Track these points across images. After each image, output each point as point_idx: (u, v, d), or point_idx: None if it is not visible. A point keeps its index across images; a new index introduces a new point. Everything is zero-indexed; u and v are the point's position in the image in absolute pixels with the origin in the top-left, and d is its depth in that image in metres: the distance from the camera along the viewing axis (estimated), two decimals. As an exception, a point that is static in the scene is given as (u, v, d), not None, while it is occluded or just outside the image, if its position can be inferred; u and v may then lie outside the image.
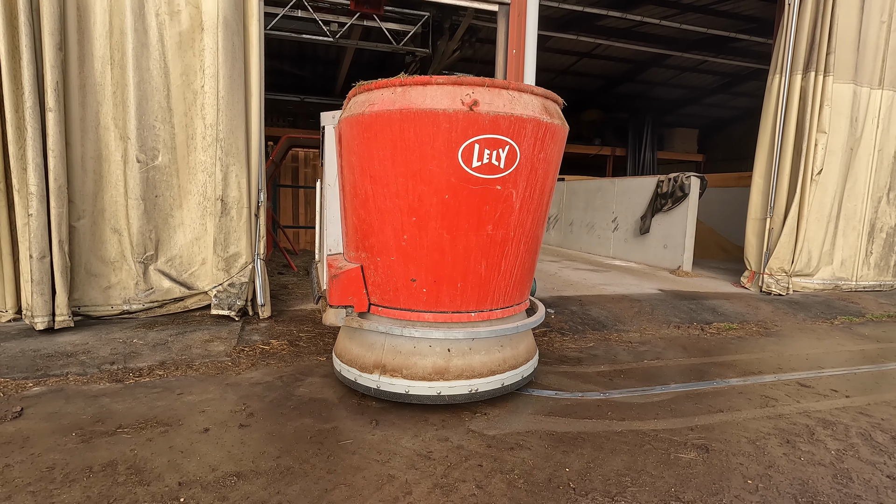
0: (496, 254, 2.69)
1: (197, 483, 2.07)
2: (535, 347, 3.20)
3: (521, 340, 3.06)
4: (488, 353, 2.84)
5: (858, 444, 2.65)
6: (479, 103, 2.40)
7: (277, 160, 8.26)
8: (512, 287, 2.87)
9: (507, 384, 2.88)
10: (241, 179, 4.27)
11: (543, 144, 2.62)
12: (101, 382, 3.08)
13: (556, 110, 2.76)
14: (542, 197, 2.79)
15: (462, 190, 2.50)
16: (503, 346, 2.91)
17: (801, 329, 5.14)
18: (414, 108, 2.42)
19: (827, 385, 3.54)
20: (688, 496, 2.12)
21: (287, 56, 12.41)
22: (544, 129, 2.60)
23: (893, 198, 6.80)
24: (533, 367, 3.09)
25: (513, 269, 2.81)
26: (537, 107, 2.58)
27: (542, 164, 2.67)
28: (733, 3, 9.99)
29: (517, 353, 2.98)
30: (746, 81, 14.55)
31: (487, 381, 2.79)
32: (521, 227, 2.72)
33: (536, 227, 2.87)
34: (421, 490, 2.09)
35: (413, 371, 2.73)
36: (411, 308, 2.74)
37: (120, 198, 4.11)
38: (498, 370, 2.84)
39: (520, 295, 2.99)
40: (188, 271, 4.35)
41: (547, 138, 2.63)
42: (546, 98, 2.70)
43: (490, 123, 2.41)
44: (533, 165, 2.62)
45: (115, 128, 4.03)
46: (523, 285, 2.98)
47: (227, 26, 4.08)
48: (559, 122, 2.73)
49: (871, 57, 6.27)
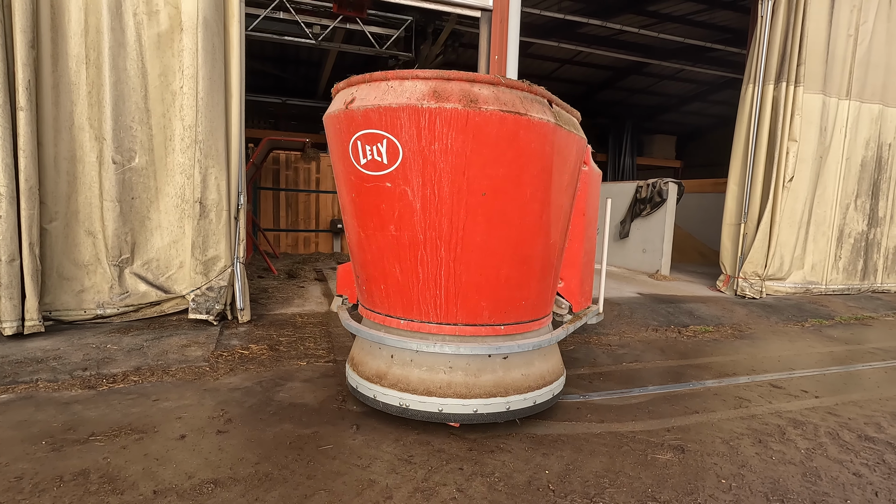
0: (409, 258, 2.45)
1: (172, 491, 2.03)
2: (500, 380, 2.64)
3: (478, 368, 2.59)
4: (430, 370, 2.58)
5: (827, 443, 2.74)
6: (354, 100, 2.38)
7: (258, 162, 8.17)
8: (448, 302, 2.49)
9: (445, 412, 2.53)
10: (221, 182, 4.22)
11: (435, 134, 2.23)
12: (73, 389, 3.00)
13: (469, 93, 2.24)
14: (464, 197, 2.31)
15: (361, 188, 2.47)
16: (451, 367, 2.56)
17: (774, 331, 5.29)
18: (331, 112, 2.56)
19: (798, 386, 3.64)
20: (664, 496, 2.17)
21: (269, 57, 12.29)
22: (429, 116, 2.20)
23: (860, 204, 7.06)
24: (483, 407, 2.56)
25: (438, 278, 2.45)
26: (420, 93, 2.23)
27: (446, 156, 2.25)
28: (709, 14, 10.25)
29: (452, 380, 2.56)
30: (722, 90, 14.93)
31: (420, 400, 2.55)
32: (436, 231, 2.37)
33: (480, 237, 2.38)
34: (401, 494, 2.08)
35: (365, 370, 2.76)
36: (366, 306, 2.87)
37: (95, 199, 4.02)
38: (428, 391, 2.55)
39: (469, 315, 2.53)
40: (165, 275, 4.27)
41: (439, 126, 2.21)
42: (443, 80, 2.25)
43: (363, 118, 2.32)
44: (427, 159, 2.27)
45: (90, 128, 3.94)
46: (472, 304, 2.51)
47: (207, 27, 4.04)
48: (464, 105, 2.20)
49: (839, 69, 6.51)
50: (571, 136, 2.57)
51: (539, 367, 2.77)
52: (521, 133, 2.29)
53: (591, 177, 3.14)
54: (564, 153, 2.54)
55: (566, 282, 3.13)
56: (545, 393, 2.75)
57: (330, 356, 3.76)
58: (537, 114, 2.33)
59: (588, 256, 3.28)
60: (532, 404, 2.67)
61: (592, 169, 3.15)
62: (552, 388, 2.81)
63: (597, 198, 3.32)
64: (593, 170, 3.18)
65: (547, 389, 2.76)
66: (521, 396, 2.63)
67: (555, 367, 2.90)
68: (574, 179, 2.77)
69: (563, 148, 2.51)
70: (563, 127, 2.46)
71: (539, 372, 2.75)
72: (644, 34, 10.43)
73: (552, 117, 2.40)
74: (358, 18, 8.02)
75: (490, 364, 2.61)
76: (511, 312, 2.63)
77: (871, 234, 7.21)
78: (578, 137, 2.67)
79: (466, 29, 9.08)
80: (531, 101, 2.35)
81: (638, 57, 11.95)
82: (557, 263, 2.86)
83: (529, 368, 2.71)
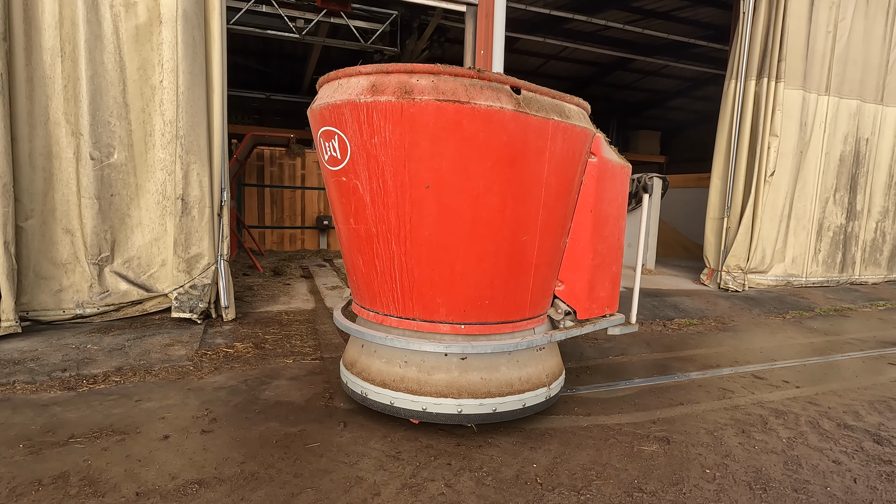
0: (367, 250, 2.50)
1: (156, 492, 2.00)
2: (453, 381, 2.55)
3: (431, 366, 2.54)
4: (388, 363, 2.60)
5: (807, 432, 2.80)
6: (317, 99, 2.51)
7: (242, 158, 8.05)
8: (404, 296, 2.49)
9: (395, 405, 2.55)
10: (203, 178, 4.14)
11: (374, 128, 2.23)
12: (51, 391, 2.93)
13: (405, 85, 2.19)
14: (408, 191, 2.28)
15: (329, 183, 2.61)
16: (406, 362, 2.57)
17: (756, 324, 5.38)
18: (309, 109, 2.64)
19: (779, 377, 3.71)
20: (650, 487, 2.19)
21: (252, 52, 12.11)
22: (367, 110, 2.21)
23: (839, 198, 7.21)
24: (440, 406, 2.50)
25: (392, 271, 2.46)
26: (360, 88, 2.25)
27: (386, 150, 2.25)
28: (693, 10, 10.35)
29: (405, 374, 2.55)
30: (705, 86, 15.11)
31: (377, 391, 2.60)
32: (386, 224, 2.38)
33: (428, 231, 2.33)
34: (389, 491, 2.08)
35: (346, 357, 2.92)
36: (351, 296, 2.96)
37: (72, 196, 3.92)
38: (384, 383, 2.59)
39: (425, 311, 2.50)
40: (147, 273, 4.19)
41: (377, 120, 2.21)
42: (383, 74, 2.24)
43: (321, 116, 2.44)
44: (370, 153, 2.28)
45: (66, 123, 3.84)
46: (427, 300, 2.47)
47: (186, 20, 3.95)
48: (397, 97, 2.17)
49: (818, 65, 6.62)
50: (555, 125, 2.34)
51: (507, 373, 2.58)
52: (464, 122, 2.18)
53: (604, 169, 2.78)
54: (540, 143, 2.33)
55: (568, 285, 2.85)
56: (511, 401, 2.54)
57: (317, 353, 3.73)
58: (486, 101, 2.17)
59: (601, 258, 2.90)
60: (490, 411, 2.50)
61: (607, 160, 2.80)
62: (523, 398, 2.58)
63: (619, 193, 2.94)
64: (608, 161, 2.81)
65: (515, 398, 2.55)
66: (477, 401, 2.49)
67: (532, 375, 2.66)
68: (571, 172, 2.54)
69: (536, 138, 2.30)
70: (533, 115, 2.25)
71: (506, 378, 2.57)
72: (629, 30, 10.50)
73: (512, 104, 2.22)
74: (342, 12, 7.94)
75: (445, 363, 2.53)
76: (471, 312, 2.51)
77: (850, 227, 7.37)
78: (569, 126, 2.42)
79: (452, 24, 9.05)
80: (480, 88, 2.20)
81: (623, 53, 12.03)
82: (546, 263, 2.62)
83: (493, 373, 2.56)
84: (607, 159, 2.79)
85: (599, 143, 2.72)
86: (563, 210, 2.61)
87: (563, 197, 2.57)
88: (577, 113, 2.55)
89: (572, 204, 2.68)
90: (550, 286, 2.79)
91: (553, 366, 2.83)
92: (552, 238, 2.61)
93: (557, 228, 2.62)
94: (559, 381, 2.85)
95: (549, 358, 2.82)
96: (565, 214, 2.64)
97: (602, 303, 3.02)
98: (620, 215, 3.02)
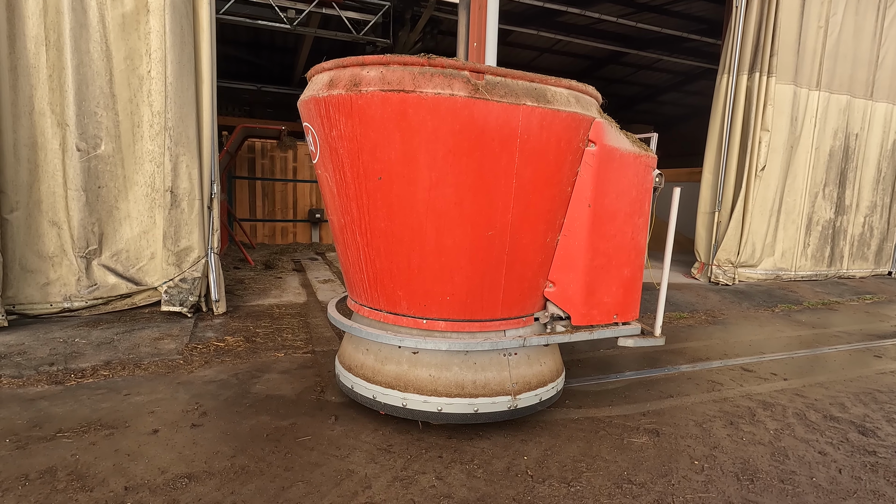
0: (341, 241, 2.60)
1: (145, 487, 1.98)
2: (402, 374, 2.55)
3: (385, 357, 2.57)
4: (356, 349, 2.73)
5: (794, 424, 2.83)
6: (301, 96, 2.63)
7: (232, 150, 7.97)
8: (370, 287, 2.52)
9: (355, 390, 2.64)
10: (193, 170, 4.09)
11: (332, 122, 2.27)
12: (38, 385, 2.89)
13: (356, 77, 2.19)
14: (363, 182, 2.29)
15: (316, 174, 2.74)
16: (367, 350, 2.66)
17: (746, 317, 5.43)
18: None
19: (767, 369, 3.75)
20: (639, 478, 2.21)
21: (243, 43, 11.94)
22: (325, 105, 2.26)
23: (828, 193, 7.27)
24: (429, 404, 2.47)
25: (359, 262, 2.50)
26: (321, 84, 2.32)
27: (342, 142, 2.28)
28: (686, 4, 10.34)
29: (365, 362, 2.64)
30: (698, 80, 15.14)
31: (344, 375, 2.73)
32: (350, 216, 2.42)
33: (384, 222, 2.32)
34: (380, 484, 2.08)
35: None
36: None
37: (59, 188, 3.86)
38: (350, 368, 2.70)
39: (388, 302, 2.50)
40: (136, 266, 4.14)
41: (332, 113, 2.26)
42: (340, 68, 2.27)
43: (301, 113, 2.58)
44: (332, 146, 2.34)
45: (51, 114, 3.77)
46: (389, 292, 2.46)
47: (174, 8, 3.88)
48: (347, 90, 2.18)
49: (809, 60, 6.65)
50: (529, 110, 2.16)
51: (458, 374, 2.47)
52: (410, 112, 2.11)
53: (608, 159, 2.47)
54: (505, 131, 2.17)
55: (560, 286, 2.59)
56: (459, 404, 2.42)
57: (308, 347, 3.72)
58: (433, 89, 2.07)
59: (605, 258, 2.59)
60: (435, 410, 2.42)
61: (612, 149, 2.47)
62: (474, 402, 2.43)
63: (631, 186, 2.61)
64: (614, 150, 2.49)
65: (464, 401, 2.42)
66: (422, 398, 2.43)
67: (491, 380, 2.50)
68: (555, 161, 2.32)
69: (500, 125, 2.15)
70: (496, 101, 2.11)
71: (457, 379, 2.46)
72: (622, 23, 10.47)
73: (466, 91, 2.08)
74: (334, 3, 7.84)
75: (396, 355, 2.52)
76: (432, 307, 2.42)
77: (838, 221, 7.45)
78: (550, 112, 2.21)
79: (445, 16, 8.97)
80: (430, 76, 2.10)
81: (616, 46, 12.01)
82: (523, 260, 2.44)
83: (444, 371, 2.47)
84: (613, 147, 2.48)
85: (601, 129, 2.42)
86: (548, 203, 2.40)
87: (545, 189, 2.36)
88: (567, 97, 2.30)
89: (562, 197, 2.44)
90: (535, 286, 2.56)
91: (527, 374, 2.57)
92: (531, 233, 2.40)
93: (539, 223, 2.41)
94: (535, 392, 2.57)
95: (522, 365, 2.58)
96: (551, 208, 2.42)
97: (606, 309, 2.70)
98: (635, 211, 2.66)
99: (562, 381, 2.82)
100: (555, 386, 2.72)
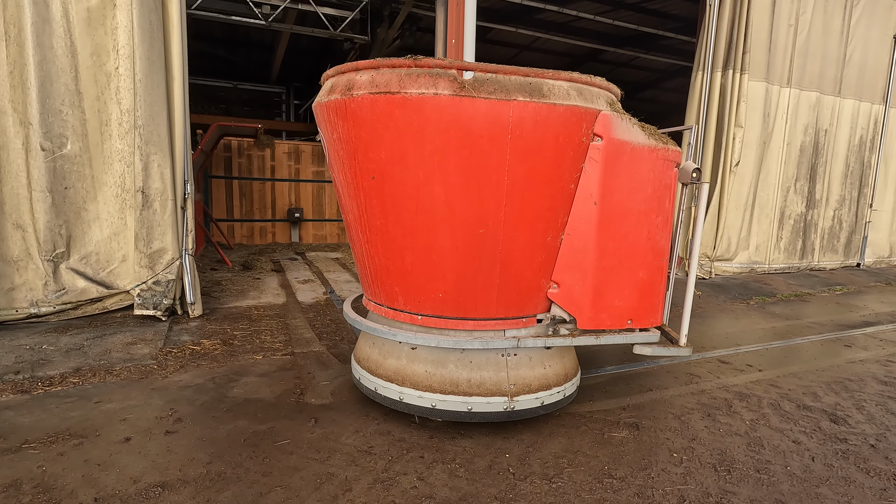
0: (351, 237, 2.73)
1: (116, 497, 1.92)
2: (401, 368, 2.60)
3: (387, 351, 2.66)
4: (364, 341, 2.88)
5: (769, 414, 2.89)
6: None
7: (207, 149, 7.79)
8: (374, 282, 2.64)
9: (357, 377, 2.82)
10: (165, 169, 3.98)
11: (332, 125, 2.42)
12: (3, 394, 2.78)
13: (350, 82, 2.29)
14: (360, 182, 2.38)
15: None
16: (374, 343, 2.85)
17: (722, 310, 5.54)
18: None
19: (743, 361, 3.83)
20: (620, 472, 2.23)
21: (218, 39, 11.68)
22: (326, 109, 2.42)
23: (800, 188, 7.46)
24: None
25: (363, 258, 2.63)
26: (325, 90, 2.49)
27: (341, 144, 2.40)
28: (661, 2, 10.48)
29: (370, 355, 2.77)
30: (674, 78, 15.37)
31: (354, 365, 2.88)
32: (353, 214, 2.56)
33: (379, 220, 2.40)
34: (361, 486, 2.05)
35: None
36: None
37: (22, 190, 3.71)
38: (357, 358, 2.87)
39: (388, 298, 2.58)
40: (106, 269, 4.01)
41: (332, 117, 2.39)
42: (338, 74, 2.42)
43: (315, 117, 2.70)
44: (335, 148, 2.49)
45: (13, 112, 3.62)
46: (387, 288, 2.54)
47: (142, 3, 3.76)
48: (342, 94, 2.29)
49: (780, 57, 6.80)
50: (521, 105, 2.11)
51: (454, 372, 2.47)
52: (396, 112, 2.16)
53: (617, 153, 2.32)
54: (494, 128, 2.14)
55: (564, 287, 2.48)
56: (454, 402, 2.44)
57: (287, 349, 3.65)
58: (418, 89, 2.10)
59: (615, 259, 2.44)
60: (429, 406, 2.46)
61: (622, 143, 2.33)
62: (468, 401, 2.44)
63: (647, 181, 2.44)
64: (625, 144, 2.34)
65: (458, 399, 2.44)
66: (417, 393, 2.48)
67: (487, 379, 2.48)
68: (552, 157, 2.23)
69: (488, 122, 2.12)
70: (483, 98, 2.09)
71: (452, 376, 2.47)
72: (600, 21, 10.57)
73: (451, 90, 2.08)
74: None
75: (396, 350, 2.61)
76: (426, 303, 2.43)
77: (809, 215, 7.65)
78: (545, 106, 2.14)
79: (424, 12, 8.92)
80: (416, 76, 2.13)
81: (594, 44, 12.11)
82: (519, 259, 2.38)
83: (439, 368, 2.49)
84: (622, 141, 2.33)
85: (609, 122, 2.28)
86: (546, 201, 2.31)
87: (542, 186, 2.27)
88: (566, 90, 2.20)
89: (563, 194, 2.33)
90: (535, 286, 2.47)
91: (527, 376, 2.53)
92: (527, 232, 2.33)
93: (536, 221, 2.33)
94: (536, 395, 2.51)
95: (522, 366, 2.53)
96: (551, 206, 2.32)
97: (618, 313, 2.53)
98: (652, 209, 2.47)
99: (573, 386, 2.71)
100: (562, 390, 2.61)
